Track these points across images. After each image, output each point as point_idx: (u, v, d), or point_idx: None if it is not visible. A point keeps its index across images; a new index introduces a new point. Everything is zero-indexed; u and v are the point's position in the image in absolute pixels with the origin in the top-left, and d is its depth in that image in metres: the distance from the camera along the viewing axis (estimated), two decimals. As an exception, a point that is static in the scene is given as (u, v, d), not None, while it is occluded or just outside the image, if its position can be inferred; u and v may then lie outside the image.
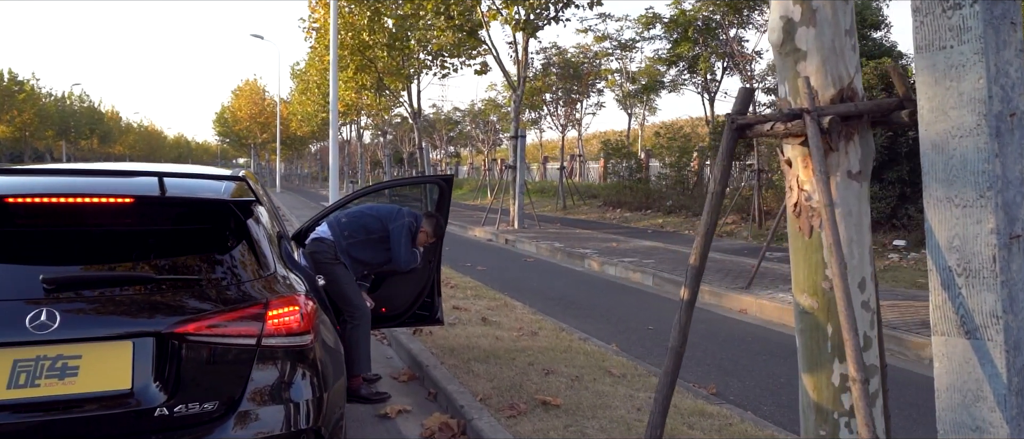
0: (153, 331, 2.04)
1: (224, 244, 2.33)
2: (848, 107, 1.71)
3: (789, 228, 1.92)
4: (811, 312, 1.87)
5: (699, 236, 2.03)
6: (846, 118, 1.70)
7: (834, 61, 1.76)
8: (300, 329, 2.24)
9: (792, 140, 1.81)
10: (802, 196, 1.83)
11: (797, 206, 1.85)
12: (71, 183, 2.30)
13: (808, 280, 1.87)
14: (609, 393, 3.84)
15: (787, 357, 5.38)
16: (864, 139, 1.79)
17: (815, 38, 1.76)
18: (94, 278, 2.10)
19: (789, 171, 1.88)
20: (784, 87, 1.86)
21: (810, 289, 1.87)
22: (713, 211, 1.99)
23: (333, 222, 4.14)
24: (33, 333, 1.92)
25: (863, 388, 1.49)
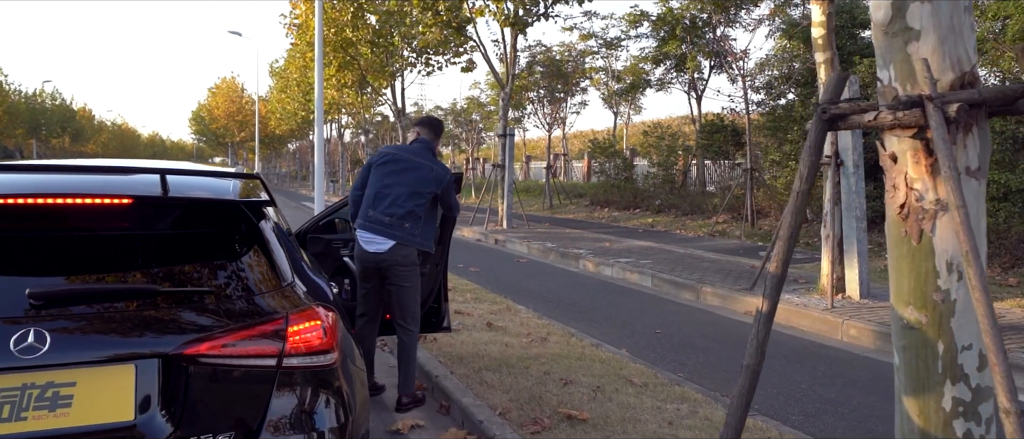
0: (159, 352, 1.77)
1: (236, 250, 2.06)
2: (971, 94, 1.50)
3: (891, 232, 1.70)
4: (918, 327, 1.65)
5: (781, 241, 1.80)
6: (974, 105, 1.48)
7: (953, 42, 1.54)
8: (323, 346, 1.98)
9: (901, 132, 1.59)
10: (912, 196, 1.60)
11: (905, 207, 1.62)
12: (60, 182, 2.02)
13: (915, 291, 1.65)
14: (635, 405, 3.61)
15: (802, 361, 5.20)
16: (982, 131, 1.58)
17: (931, 15, 1.54)
18: (89, 291, 1.82)
19: (893, 168, 1.65)
20: (888, 72, 1.64)
21: (918, 301, 1.65)
22: (797, 212, 1.77)
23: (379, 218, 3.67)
24: (18, 358, 1.64)
25: (1018, 421, 1.27)
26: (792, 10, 17.32)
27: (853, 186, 6.84)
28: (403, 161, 3.77)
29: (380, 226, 3.64)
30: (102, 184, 2.02)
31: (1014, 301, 6.63)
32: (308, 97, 30.97)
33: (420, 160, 3.79)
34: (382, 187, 3.71)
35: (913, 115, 1.52)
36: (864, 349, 5.62)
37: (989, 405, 1.67)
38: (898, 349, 1.72)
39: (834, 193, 6.93)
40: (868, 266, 7.08)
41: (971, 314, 1.61)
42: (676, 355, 5.33)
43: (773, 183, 14.05)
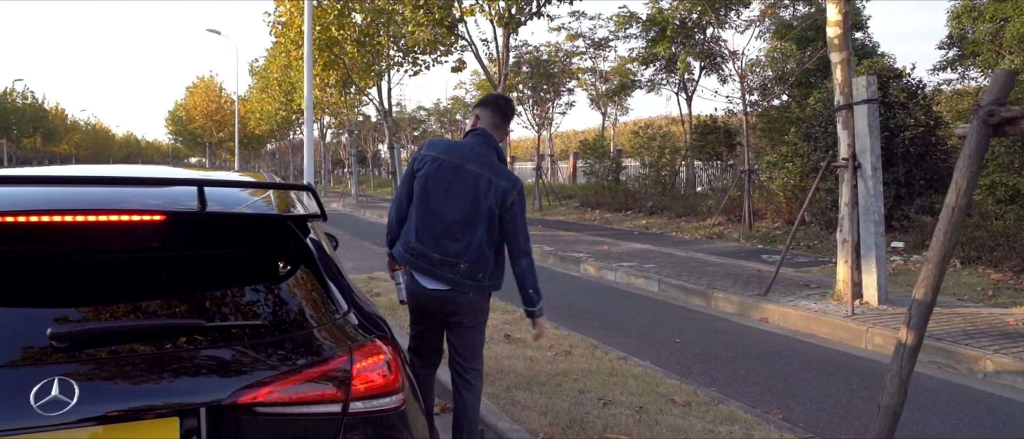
0: (206, 401, 1.48)
1: (284, 274, 1.77)
2: None
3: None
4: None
5: (932, 265, 1.56)
6: None
7: None
8: (390, 387, 1.70)
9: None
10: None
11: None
12: (78, 195, 1.72)
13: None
14: (684, 427, 3.37)
15: (834, 373, 5.01)
16: None
17: None
18: (123, 329, 1.51)
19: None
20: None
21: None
22: (953, 231, 1.53)
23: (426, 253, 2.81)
24: (41, 415, 1.35)
25: None
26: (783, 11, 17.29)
27: (871, 189, 6.67)
28: (455, 169, 2.75)
29: (427, 264, 2.80)
30: (130, 198, 1.72)
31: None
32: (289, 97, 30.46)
33: (477, 167, 2.75)
34: (427, 208, 2.78)
35: (1125, 119, 1.28)
36: (893, 358, 5.43)
37: None
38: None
39: (851, 196, 6.76)
40: (886, 271, 6.92)
41: None
42: (702, 367, 5.10)
43: (769, 185, 13.94)
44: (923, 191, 10.76)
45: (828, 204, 11.41)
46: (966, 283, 7.72)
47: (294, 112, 32.19)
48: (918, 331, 1.57)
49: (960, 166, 1.52)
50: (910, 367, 1.60)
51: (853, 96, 6.73)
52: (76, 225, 1.60)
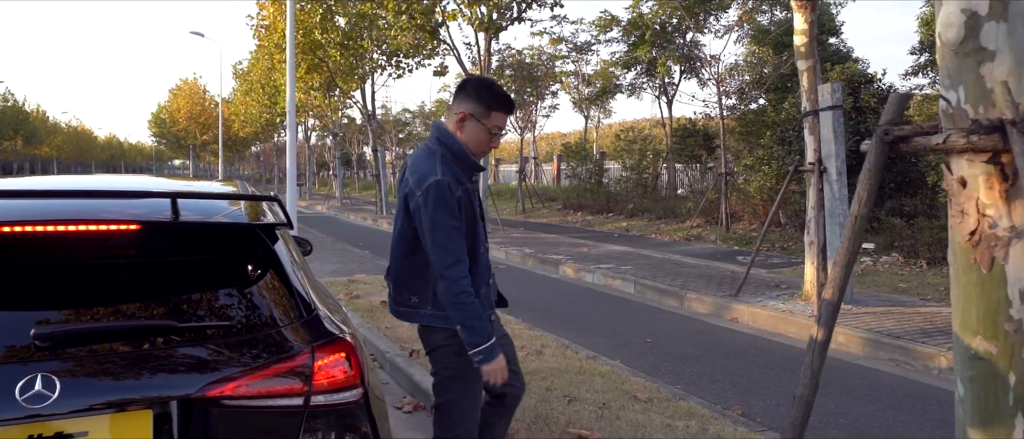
0: (178, 395, 1.62)
1: (253, 279, 1.91)
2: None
3: (957, 260, 1.64)
4: (987, 358, 1.59)
5: (838, 267, 1.73)
6: (1055, 131, 1.43)
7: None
8: (351, 382, 1.84)
9: (974, 156, 1.53)
10: (985, 223, 1.55)
11: (976, 234, 1.56)
12: (58, 207, 1.85)
13: (984, 320, 1.59)
14: (645, 423, 3.53)
15: (796, 370, 5.16)
16: (1056, 155, 1.52)
17: (1007, 36, 1.48)
18: (101, 330, 1.65)
19: (962, 192, 1.60)
20: (957, 93, 1.58)
21: (987, 331, 1.59)
22: (856, 237, 1.70)
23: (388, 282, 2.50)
24: (25, 407, 1.48)
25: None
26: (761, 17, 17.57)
27: (836, 193, 6.89)
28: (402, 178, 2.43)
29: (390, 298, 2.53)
30: (108, 209, 1.86)
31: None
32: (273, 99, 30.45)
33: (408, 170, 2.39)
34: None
35: (991, 140, 1.46)
36: (854, 356, 5.65)
37: (1059, 437, 1.62)
38: (964, 380, 1.67)
39: (818, 199, 6.98)
40: (853, 272, 7.14)
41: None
42: (671, 366, 5.28)
43: (746, 187, 14.20)
44: (893, 194, 11.04)
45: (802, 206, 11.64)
46: (930, 283, 7.97)
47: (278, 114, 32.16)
48: (827, 328, 1.74)
49: (862, 179, 1.69)
50: (820, 361, 1.77)
51: (819, 103, 6.95)
52: (58, 234, 1.74)
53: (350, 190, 40.68)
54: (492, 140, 2.38)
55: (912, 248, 9.60)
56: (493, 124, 2.34)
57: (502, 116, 2.36)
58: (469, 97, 2.34)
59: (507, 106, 2.36)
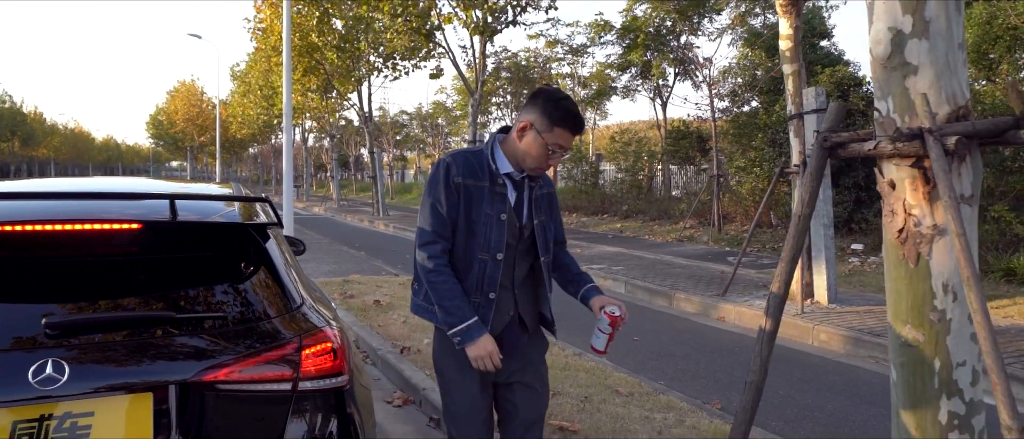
0: (177, 379, 1.76)
1: (246, 274, 2.06)
2: (966, 127, 1.59)
3: (888, 255, 1.79)
4: (915, 345, 1.74)
5: (783, 262, 1.88)
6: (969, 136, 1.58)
7: (948, 77, 1.64)
8: (335, 368, 1.99)
9: (900, 161, 1.68)
10: (911, 221, 1.70)
11: (903, 232, 1.71)
12: (68, 208, 2.00)
13: (912, 311, 1.74)
14: (624, 415, 3.68)
15: (777, 367, 5.34)
16: (975, 161, 1.68)
17: (928, 52, 1.63)
18: (105, 320, 1.80)
19: (891, 193, 1.75)
20: (886, 103, 1.73)
21: (915, 320, 1.74)
22: (800, 235, 1.85)
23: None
24: (37, 388, 1.63)
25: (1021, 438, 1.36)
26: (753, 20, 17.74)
27: (820, 194, 7.05)
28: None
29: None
30: (111, 209, 2.00)
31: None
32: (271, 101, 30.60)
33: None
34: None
35: (913, 146, 1.61)
36: (835, 354, 5.80)
37: (982, 418, 1.77)
38: (896, 365, 1.82)
39: (802, 201, 7.13)
40: (836, 272, 7.30)
41: (965, 332, 1.71)
42: (656, 363, 5.43)
43: (738, 189, 14.35)
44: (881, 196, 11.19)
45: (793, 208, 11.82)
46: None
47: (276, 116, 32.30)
48: (773, 319, 1.88)
49: (805, 182, 1.84)
50: (769, 349, 1.91)
51: (803, 106, 7.10)
52: (65, 233, 1.88)
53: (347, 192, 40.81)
54: (551, 157, 2.15)
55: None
56: (554, 141, 2.12)
57: (566, 134, 2.13)
58: (536, 107, 2.15)
59: (572, 125, 2.13)
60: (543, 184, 2.34)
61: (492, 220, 2.19)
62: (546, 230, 2.32)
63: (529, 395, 2.33)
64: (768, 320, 1.90)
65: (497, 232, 2.19)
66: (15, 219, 1.84)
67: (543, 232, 2.30)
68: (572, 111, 2.15)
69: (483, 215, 2.18)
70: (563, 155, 2.20)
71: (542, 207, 2.31)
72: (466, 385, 2.24)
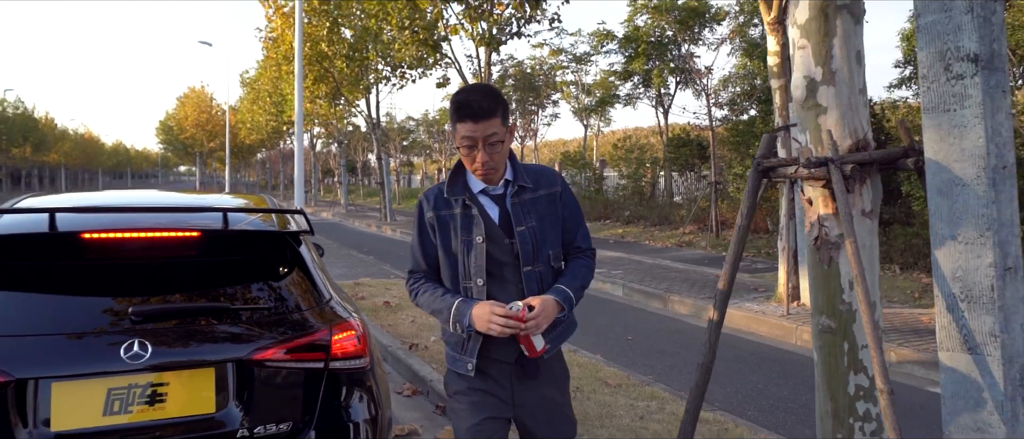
0: (233, 358, 2.19)
1: (284, 273, 2.49)
2: (863, 156, 2.00)
3: (809, 259, 2.20)
4: (829, 331, 2.15)
5: (727, 265, 2.29)
6: (863, 165, 1.99)
7: (851, 116, 2.05)
8: (358, 352, 2.41)
9: (814, 183, 2.09)
10: (823, 231, 2.11)
11: (818, 240, 2.13)
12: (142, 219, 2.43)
13: (827, 304, 2.15)
14: (611, 403, 4.09)
15: (760, 365, 5.74)
16: (874, 182, 2.09)
17: (834, 96, 2.05)
18: (178, 309, 2.23)
19: (809, 209, 2.16)
20: (805, 136, 2.14)
21: (829, 311, 2.15)
22: (739, 243, 2.26)
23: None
24: (127, 363, 2.05)
25: (888, 397, 1.77)
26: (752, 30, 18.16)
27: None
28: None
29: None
30: (176, 221, 2.44)
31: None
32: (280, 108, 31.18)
33: None
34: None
35: (821, 171, 2.02)
36: (815, 352, 6.18)
37: (883, 390, 2.18)
38: (816, 348, 2.23)
39: (789, 208, 7.53)
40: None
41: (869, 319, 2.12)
42: (646, 359, 5.83)
43: (736, 195, 14.74)
44: (873, 202, 11.55)
45: (787, 214, 12.20)
46: (899, 287, 8.50)
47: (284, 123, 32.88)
48: (720, 311, 2.29)
49: (744, 198, 2.26)
50: (716, 336, 2.32)
51: (790, 119, 7.50)
52: (143, 240, 2.31)
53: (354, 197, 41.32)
54: (475, 156, 1.96)
55: (887, 253, 10.11)
56: (463, 137, 1.95)
57: (466, 125, 1.93)
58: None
59: (465, 114, 1.92)
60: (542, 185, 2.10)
61: (468, 246, 2.03)
62: (534, 237, 2.05)
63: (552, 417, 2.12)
64: (714, 311, 2.32)
65: (475, 258, 2.02)
66: (104, 227, 2.27)
67: (526, 240, 2.04)
68: (460, 100, 1.94)
69: (459, 243, 2.04)
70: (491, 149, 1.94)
71: (532, 212, 2.06)
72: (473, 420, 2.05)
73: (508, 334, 1.91)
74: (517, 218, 2.06)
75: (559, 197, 2.12)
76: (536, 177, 2.12)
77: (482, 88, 2.00)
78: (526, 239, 2.06)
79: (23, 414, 1.97)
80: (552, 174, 2.16)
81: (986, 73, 1.76)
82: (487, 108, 1.93)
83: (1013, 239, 1.79)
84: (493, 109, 1.93)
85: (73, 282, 2.24)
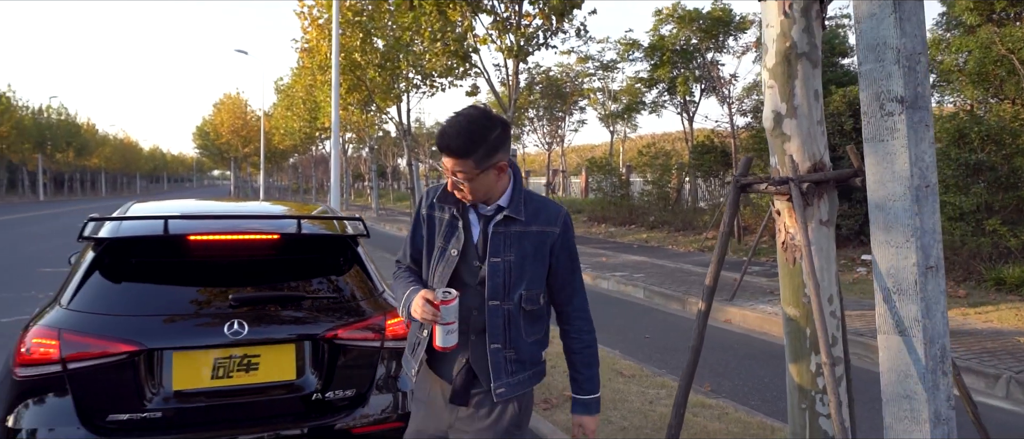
0: (311, 335, 2.72)
1: (347, 269, 3.02)
2: (819, 176, 2.47)
3: (780, 259, 2.67)
4: (794, 319, 2.62)
5: (713, 263, 2.77)
6: (818, 183, 2.46)
7: (810, 143, 2.52)
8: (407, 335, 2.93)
9: (780, 197, 2.56)
10: (788, 236, 2.57)
11: (784, 243, 2.59)
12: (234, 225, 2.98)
13: (792, 296, 2.62)
14: (624, 390, 4.56)
15: (768, 361, 6.15)
16: (831, 197, 2.55)
17: (796, 127, 2.52)
18: (266, 297, 2.78)
19: (779, 218, 2.63)
20: (774, 159, 2.61)
21: (793, 303, 2.61)
22: (723, 245, 2.73)
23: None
24: (228, 338, 2.60)
25: (831, 369, 2.23)
26: (778, 37, 18.40)
27: (818, 209, 7.82)
28: None
29: None
30: (261, 226, 2.99)
31: (958, 310, 7.59)
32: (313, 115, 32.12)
33: None
34: None
35: (785, 188, 2.49)
36: (822, 350, 6.57)
37: (840, 368, 2.63)
38: (785, 333, 2.69)
39: (801, 215, 7.91)
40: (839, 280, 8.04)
41: (825, 311, 2.57)
42: (661, 355, 6.28)
43: (758, 201, 15.04)
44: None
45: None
46: (911, 291, 8.80)
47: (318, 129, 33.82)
48: (707, 303, 2.76)
49: (726, 210, 2.73)
50: (704, 323, 2.78)
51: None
52: (234, 241, 2.86)
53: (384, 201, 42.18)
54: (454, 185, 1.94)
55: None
56: (446, 168, 1.93)
57: (446, 159, 1.92)
58: None
59: (441, 147, 1.90)
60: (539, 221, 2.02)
61: (441, 254, 2.03)
62: (508, 271, 1.97)
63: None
64: (702, 303, 2.79)
65: (443, 267, 2.01)
66: (206, 231, 2.83)
67: (497, 272, 1.96)
68: (440, 131, 1.92)
69: (435, 247, 2.04)
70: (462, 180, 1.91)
71: (513, 245, 1.98)
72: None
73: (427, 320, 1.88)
74: (495, 247, 1.97)
75: (555, 239, 2.02)
76: (536, 212, 2.02)
77: (463, 126, 1.88)
78: (497, 271, 1.96)
79: (151, 376, 2.53)
80: (556, 214, 2.04)
81: (911, 111, 2.22)
82: (457, 148, 1.87)
83: (934, 244, 2.25)
84: (465, 151, 1.86)
85: (184, 274, 2.80)
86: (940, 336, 2.27)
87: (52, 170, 65.15)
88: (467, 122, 1.88)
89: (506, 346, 2.00)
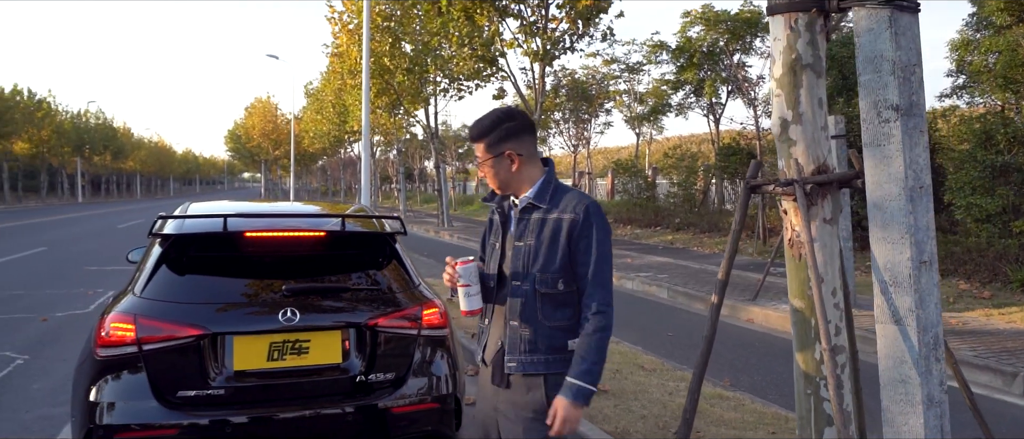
0: (355, 322, 2.99)
1: (386, 264, 3.29)
2: (822, 177, 2.67)
3: (787, 254, 2.87)
4: (800, 310, 2.82)
5: (725, 260, 2.98)
6: (822, 184, 2.66)
7: (814, 147, 2.72)
8: (441, 324, 3.19)
9: (787, 198, 2.77)
10: (794, 234, 2.78)
11: (791, 241, 2.80)
12: (284, 223, 3.27)
13: (798, 289, 2.82)
14: (645, 383, 4.77)
15: (787, 358, 6.30)
16: (834, 197, 2.75)
17: (801, 132, 2.72)
18: (316, 288, 3.06)
19: (785, 217, 2.83)
20: (782, 161, 2.81)
21: (799, 295, 2.82)
22: (734, 241, 2.95)
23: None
24: (283, 324, 2.88)
25: (831, 355, 2.44)
26: (804, 39, 18.38)
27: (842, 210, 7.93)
28: None
29: None
30: (309, 224, 3.27)
31: (982, 311, 7.65)
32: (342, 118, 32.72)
33: None
34: None
35: (791, 189, 2.70)
36: (842, 349, 6.70)
37: (844, 356, 2.83)
38: (792, 323, 2.89)
39: (824, 216, 8.03)
40: (854, 279, 8.15)
41: (829, 303, 2.77)
42: (683, 352, 6.47)
43: (784, 203, 15.06)
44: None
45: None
46: (935, 292, 8.85)
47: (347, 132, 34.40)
48: (719, 295, 2.97)
49: (737, 210, 2.94)
50: (716, 314, 2.99)
51: (824, 132, 8.02)
52: (286, 238, 3.14)
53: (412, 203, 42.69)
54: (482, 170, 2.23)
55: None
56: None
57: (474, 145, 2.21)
58: None
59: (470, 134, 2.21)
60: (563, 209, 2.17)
61: (492, 249, 2.27)
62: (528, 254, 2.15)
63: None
64: (715, 296, 3.00)
65: (495, 260, 2.23)
66: (261, 228, 3.12)
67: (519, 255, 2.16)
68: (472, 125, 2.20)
69: (489, 245, 2.31)
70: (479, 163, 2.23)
71: (534, 231, 2.16)
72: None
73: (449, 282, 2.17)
74: (519, 232, 2.18)
75: (573, 226, 2.13)
76: (561, 201, 2.18)
77: (485, 115, 2.19)
78: (519, 254, 2.16)
79: (215, 357, 2.82)
80: (580, 202, 2.17)
81: (906, 118, 2.42)
82: (472, 131, 2.18)
83: (928, 240, 2.44)
84: (481, 133, 2.16)
85: (241, 267, 3.09)
86: (933, 325, 2.47)
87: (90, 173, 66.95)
88: (490, 112, 2.20)
89: (522, 324, 2.12)
